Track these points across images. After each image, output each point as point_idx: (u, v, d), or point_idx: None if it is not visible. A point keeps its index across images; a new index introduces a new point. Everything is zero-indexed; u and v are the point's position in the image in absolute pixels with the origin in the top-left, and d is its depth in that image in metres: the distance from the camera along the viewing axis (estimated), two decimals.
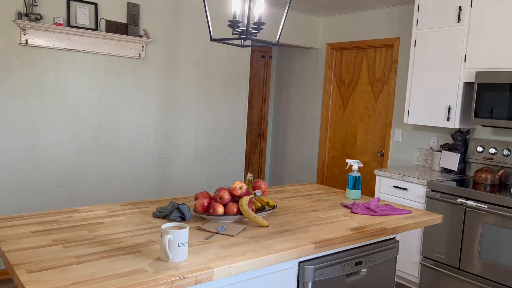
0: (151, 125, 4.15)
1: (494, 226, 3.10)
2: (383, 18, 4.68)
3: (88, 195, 3.87)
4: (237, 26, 2.14)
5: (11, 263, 1.39)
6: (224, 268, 1.46)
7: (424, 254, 3.54)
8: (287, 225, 1.95)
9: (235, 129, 4.76)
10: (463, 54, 3.57)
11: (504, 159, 3.59)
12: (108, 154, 3.93)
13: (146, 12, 4.00)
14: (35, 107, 3.53)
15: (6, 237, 1.63)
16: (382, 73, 4.77)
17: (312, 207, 2.31)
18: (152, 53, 4.07)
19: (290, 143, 5.81)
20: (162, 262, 1.46)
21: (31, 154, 3.55)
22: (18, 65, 3.42)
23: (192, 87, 4.38)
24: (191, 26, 4.31)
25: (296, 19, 5.13)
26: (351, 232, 1.89)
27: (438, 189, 3.42)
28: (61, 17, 3.53)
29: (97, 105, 3.82)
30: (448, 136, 4.10)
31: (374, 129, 4.85)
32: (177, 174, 4.38)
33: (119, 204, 2.18)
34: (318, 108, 5.42)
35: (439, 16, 3.72)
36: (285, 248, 1.65)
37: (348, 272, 1.94)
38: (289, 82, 5.80)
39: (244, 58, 4.74)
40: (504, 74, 3.26)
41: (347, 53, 5.13)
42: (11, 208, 3.51)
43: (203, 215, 1.94)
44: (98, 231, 1.75)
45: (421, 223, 2.18)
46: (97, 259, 1.46)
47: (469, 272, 3.26)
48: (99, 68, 3.79)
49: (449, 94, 3.67)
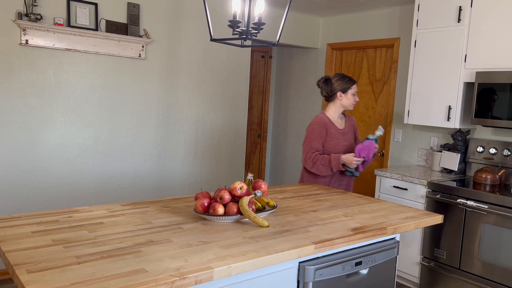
0: (151, 125, 4.15)
1: (494, 226, 3.10)
2: (383, 18, 4.68)
3: (88, 195, 3.87)
4: (237, 26, 2.14)
5: (11, 263, 1.39)
6: (224, 268, 1.46)
7: (424, 254, 3.54)
8: (288, 225, 1.95)
9: (235, 129, 4.76)
10: (463, 54, 3.57)
11: (504, 159, 3.59)
12: (108, 154, 3.93)
13: (146, 12, 4.00)
14: (35, 107, 3.53)
15: (6, 237, 1.63)
16: (382, 73, 4.77)
17: (312, 207, 2.31)
18: (152, 53, 4.07)
19: (290, 143, 5.81)
20: (162, 262, 1.46)
21: (31, 154, 3.55)
22: (18, 65, 3.42)
23: (192, 87, 4.38)
24: (191, 26, 4.31)
25: (296, 19, 5.13)
26: (351, 232, 1.89)
27: (438, 189, 3.42)
28: (61, 17, 3.53)
29: (97, 105, 3.83)
30: (448, 136, 4.10)
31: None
32: (177, 174, 4.38)
33: (119, 204, 2.18)
34: (318, 108, 5.42)
35: (439, 16, 3.72)
36: (285, 248, 1.65)
37: (349, 272, 1.94)
38: (289, 82, 5.80)
39: (244, 58, 4.74)
40: (504, 74, 3.26)
41: (347, 53, 5.13)
42: (11, 208, 3.51)
43: (203, 215, 1.94)
44: (98, 231, 1.75)
45: (421, 223, 2.18)
46: (97, 259, 1.46)
47: (469, 272, 3.26)
48: (99, 68, 3.79)
49: (449, 94, 3.67)
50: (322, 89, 3.06)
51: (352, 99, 3.04)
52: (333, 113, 3.07)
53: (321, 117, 3.03)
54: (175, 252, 1.55)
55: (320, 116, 3.04)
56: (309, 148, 2.99)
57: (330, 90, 3.03)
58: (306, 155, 2.99)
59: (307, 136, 3.02)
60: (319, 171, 2.96)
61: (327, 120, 3.02)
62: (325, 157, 2.94)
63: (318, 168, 2.94)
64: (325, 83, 3.04)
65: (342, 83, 3.01)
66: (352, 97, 3.03)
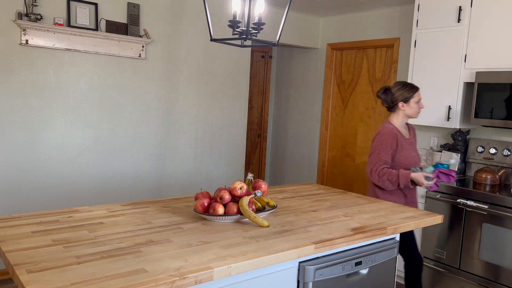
0: (151, 125, 4.15)
1: (494, 226, 3.10)
2: (383, 18, 4.68)
3: (88, 195, 3.87)
4: (237, 26, 2.14)
5: (11, 263, 1.39)
6: (224, 268, 1.46)
7: (424, 254, 3.54)
8: (287, 225, 1.95)
9: (235, 129, 4.77)
10: (463, 54, 3.57)
11: (504, 159, 3.59)
12: (108, 154, 3.93)
13: (146, 12, 4.00)
14: (35, 107, 3.53)
15: (6, 237, 1.63)
16: (382, 73, 4.77)
17: (312, 207, 2.31)
18: (152, 53, 4.07)
19: (290, 143, 5.81)
20: (162, 262, 1.46)
21: (31, 154, 3.55)
22: (19, 65, 3.42)
23: (192, 87, 4.38)
24: (191, 26, 4.31)
25: (296, 19, 5.13)
26: (351, 232, 1.89)
27: (438, 189, 3.42)
28: (61, 17, 3.53)
29: (97, 105, 3.83)
30: (448, 136, 4.10)
31: (375, 129, 4.85)
32: (177, 174, 4.38)
33: (119, 204, 2.18)
34: (318, 108, 5.42)
35: (439, 16, 3.72)
36: (285, 248, 1.65)
37: (349, 272, 1.94)
38: (289, 82, 5.80)
39: (244, 58, 4.74)
40: (504, 74, 3.26)
41: (347, 53, 5.13)
42: (11, 208, 3.51)
43: (203, 215, 1.94)
44: (98, 231, 1.75)
45: (421, 223, 2.18)
46: (97, 259, 1.46)
47: (469, 272, 3.26)
48: (99, 68, 3.79)
49: (449, 94, 3.67)
50: (382, 100, 2.90)
51: (416, 107, 2.85)
52: (399, 123, 2.88)
53: (390, 127, 2.82)
54: (175, 252, 1.55)
55: (389, 126, 2.83)
56: (376, 160, 2.78)
57: (390, 101, 2.86)
58: (372, 168, 2.78)
59: (376, 147, 2.80)
60: (384, 185, 2.77)
61: (396, 130, 2.82)
62: (392, 172, 2.73)
63: (384, 183, 2.75)
64: (385, 93, 2.88)
65: (403, 92, 2.83)
66: (415, 106, 2.84)
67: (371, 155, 2.83)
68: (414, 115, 2.88)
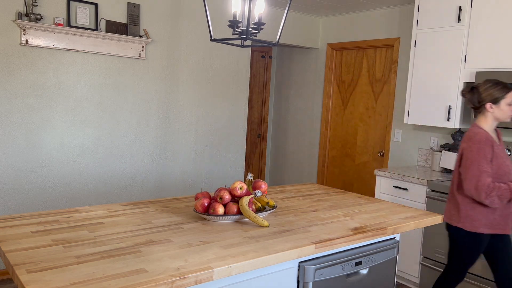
0: (151, 125, 4.15)
1: None
2: (383, 18, 4.68)
3: (88, 195, 3.87)
4: (237, 26, 2.14)
5: (11, 263, 1.39)
6: (224, 268, 1.46)
7: (424, 254, 3.54)
8: (287, 225, 1.95)
9: (235, 129, 4.77)
10: (463, 54, 3.57)
11: None
12: (108, 154, 3.93)
13: (146, 12, 4.00)
14: (35, 107, 3.53)
15: (6, 237, 1.63)
16: (382, 73, 4.77)
17: (312, 207, 2.31)
18: (152, 53, 4.07)
19: (290, 143, 5.81)
20: (162, 262, 1.46)
21: (31, 154, 3.55)
22: (18, 65, 3.42)
23: (192, 87, 4.38)
24: (191, 26, 4.31)
25: (296, 19, 5.13)
26: (351, 232, 1.89)
27: (439, 189, 3.42)
28: (61, 17, 3.54)
29: (97, 105, 3.83)
30: (448, 136, 4.10)
31: (374, 129, 4.85)
32: (177, 174, 4.38)
33: (119, 204, 2.18)
34: (318, 108, 5.42)
35: (439, 16, 3.72)
36: (285, 248, 1.65)
37: (348, 272, 1.94)
38: (289, 82, 5.80)
39: (244, 58, 4.74)
40: (504, 74, 3.26)
41: (347, 53, 5.13)
42: (11, 208, 3.51)
43: (203, 215, 1.94)
44: (98, 231, 1.75)
45: (421, 223, 2.18)
46: (97, 259, 1.46)
47: (469, 272, 3.26)
48: (99, 68, 3.79)
49: (449, 94, 3.67)
50: (467, 99, 2.60)
51: (508, 110, 2.49)
52: (488, 127, 2.55)
53: (483, 133, 2.48)
54: (175, 252, 1.55)
55: (481, 131, 2.49)
56: (479, 173, 2.40)
57: (477, 101, 2.54)
58: (477, 183, 2.40)
59: (473, 158, 2.44)
60: (492, 203, 2.42)
61: (489, 136, 2.48)
62: (502, 187, 2.40)
63: (492, 200, 2.40)
64: (471, 92, 2.57)
65: (493, 92, 2.49)
66: (507, 108, 2.49)
67: (469, 168, 2.45)
68: (505, 118, 2.52)
